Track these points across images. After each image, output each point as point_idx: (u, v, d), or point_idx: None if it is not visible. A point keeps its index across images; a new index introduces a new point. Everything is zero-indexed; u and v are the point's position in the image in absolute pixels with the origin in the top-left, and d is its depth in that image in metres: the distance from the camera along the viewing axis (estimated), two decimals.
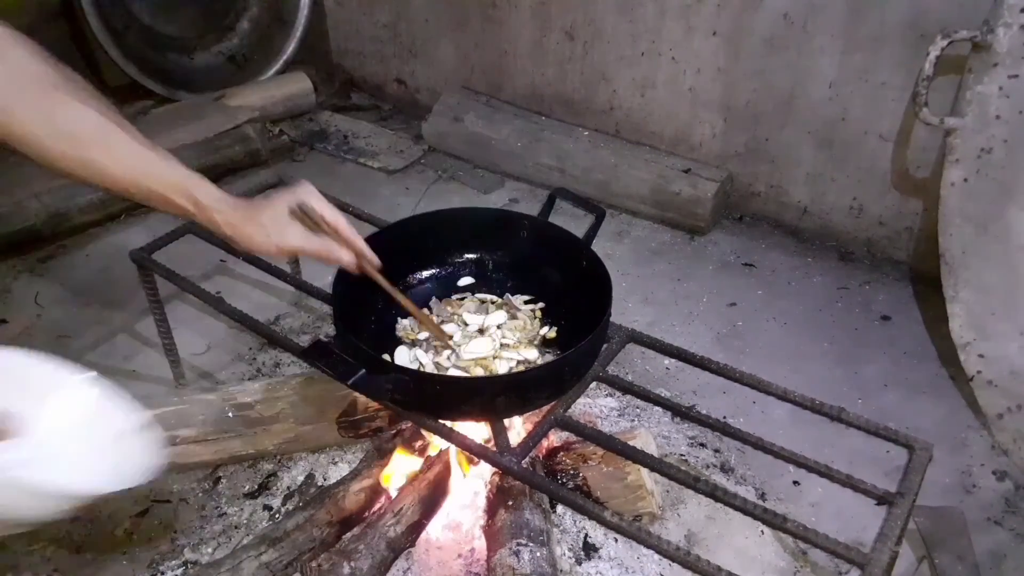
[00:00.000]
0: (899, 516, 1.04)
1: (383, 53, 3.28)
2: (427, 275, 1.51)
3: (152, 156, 1.00)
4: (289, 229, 1.07)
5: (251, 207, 1.06)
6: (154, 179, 1.00)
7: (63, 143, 0.95)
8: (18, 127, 0.92)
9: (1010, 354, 1.75)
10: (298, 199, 1.06)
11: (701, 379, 1.90)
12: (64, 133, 0.94)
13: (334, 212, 1.09)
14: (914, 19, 2.03)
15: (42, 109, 0.93)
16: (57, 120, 0.94)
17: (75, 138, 0.95)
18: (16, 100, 0.91)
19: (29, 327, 2.09)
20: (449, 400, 1.17)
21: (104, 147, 0.97)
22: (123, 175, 0.99)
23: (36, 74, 0.93)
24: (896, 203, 2.29)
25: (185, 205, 1.03)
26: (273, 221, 1.06)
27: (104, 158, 0.97)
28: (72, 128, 0.95)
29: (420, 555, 1.44)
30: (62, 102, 0.94)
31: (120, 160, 0.98)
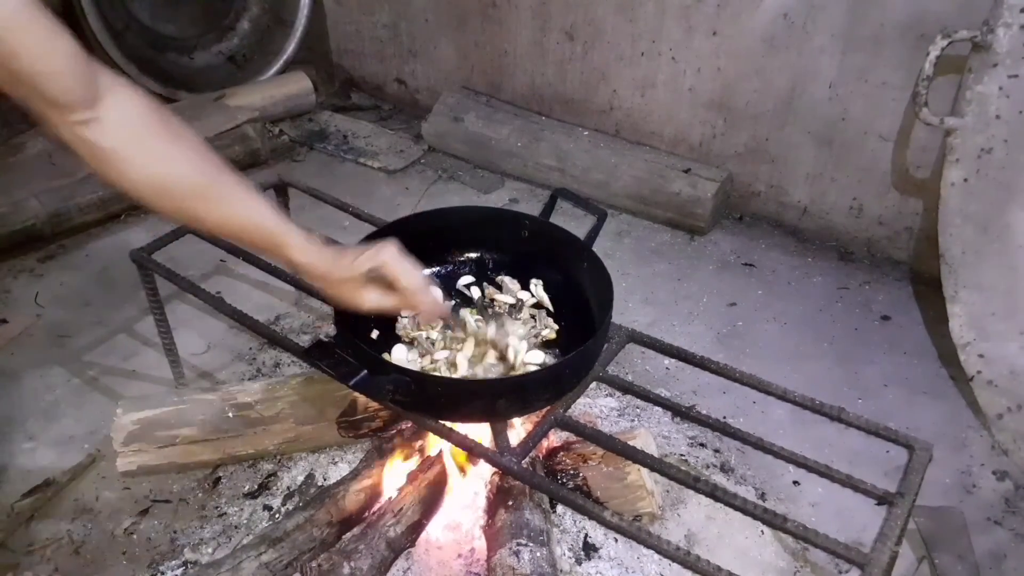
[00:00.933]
0: (899, 516, 1.04)
1: (383, 53, 3.28)
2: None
3: (245, 210, 1.05)
4: (362, 294, 1.11)
5: (334, 266, 1.09)
6: (247, 234, 1.07)
7: (164, 199, 1.01)
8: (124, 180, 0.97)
9: (1010, 354, 1.75)
10: (376, 264, 1.09)
11: (701, 379, 1.90)
12: (162, 188, 1.00)
13: (410, 280, 1.11)
14: (914, 19, 2.03)
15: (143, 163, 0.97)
16: (157, 175, 0.99)
17: (171, 194, 1.01)
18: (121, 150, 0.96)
19: (29, 327, 2.09)
20: (450, 401, 1.17)
21: (200, 203, 1.02)
22: (217, 228, 1.06)
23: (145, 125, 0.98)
24: (896, 203, 2.29)
25: (276, 257, 1.09)
26: (351, 283, 1.10)
27: (199, 212, 1.03)
28: (169, 185, 1.00)
29: (420, 555, 1.44)
30: (163, 159, 0.99)
31: (214, 214, 1.04)
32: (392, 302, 1.13)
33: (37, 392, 1.88)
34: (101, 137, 0.94)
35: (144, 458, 1.60)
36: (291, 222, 1.08)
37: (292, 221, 1.09)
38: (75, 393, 1.88)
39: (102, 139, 0.94)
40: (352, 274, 1.09)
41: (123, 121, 0.95)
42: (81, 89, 0.91)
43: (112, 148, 0.95)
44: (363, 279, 1.10)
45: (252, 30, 3.38)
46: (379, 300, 1.12)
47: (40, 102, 0.89)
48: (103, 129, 0.93)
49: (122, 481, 1.64)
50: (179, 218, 1.05)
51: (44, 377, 1.92)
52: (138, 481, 1.64)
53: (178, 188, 1.01)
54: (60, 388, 1.89)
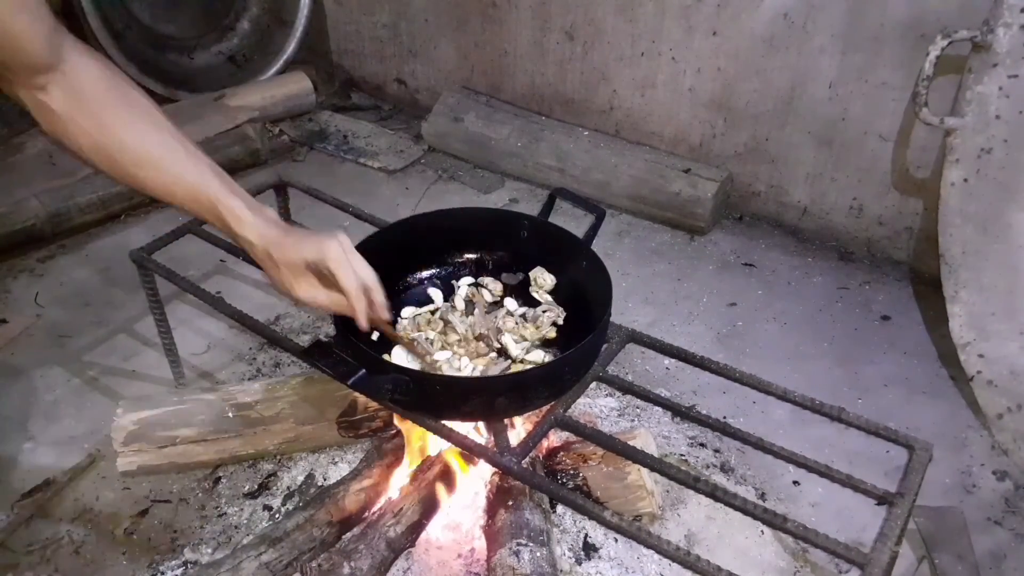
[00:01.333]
0: (899, 516, 1.04)
1: (383, 53, 3.28)
2: (427, 275, 1.51)
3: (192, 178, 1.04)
4: (300, 283, 1.07)
5: (276, 246, 1.05)
6: (191, 201, 1.05)
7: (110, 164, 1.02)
8: (71, 142, 1.00)
9: (1010, 354, 1.75)
10: (318, 256, 1.04)
11: (701, 379, 1.90)
12: (111, 156, 1.01)
13: (349, 281, 1.05)
14: (914, 19, 2.03)
15: (93, 130, 0.99)
16: (107, 141, 1.00)
17: (118, 161, 1.02)
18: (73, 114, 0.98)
19: (29, 327, 2.09)
20: (449, 400, 1.17)
21: (147, 170, 1.03)
22: (163, 194, 1.05)
23: (100, 93, 0.99)
24: (896, 203, 2.29)
25: (220, 227, 1.07)
26: (289, 270, 1.06)
27: (146, 179, 1.03)
28: (119, 153, 1.01)
29: (420, 555, 1.44)
30: (113, 125, 1.00)
31: (161, 181, 1.04)
32: (326, 300, 1.08)
33: (37, 392, 1.88)
34: (54, 101, 0.96)
35: (144, 458, 1.60)
36: (240, 193, 1.06)
37: (243, 193, 1.06)
38: (75, 393, 1.88)
39: (55, 103, 0.96)
40: (293, 259, 1.05)
41: (78, 88, 0.97)
42: (44, 55, 0.93)
43: (64, 112, 0.97)
44: (303, 267, 1.06)
45: (252, 30, 3.38)
46: (313, 294, 1.08)
47: (1, 65, 0.91)
48: (58, 94, 0.96)
49: (122, 481, 1.64)
50: (127, 184, 1.05)
51: (44, 377, 1.92)
52: (138, 481, 1.64)
53: (124, 155, 1.02)
54: (60, 388, 1.89)
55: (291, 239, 1.05)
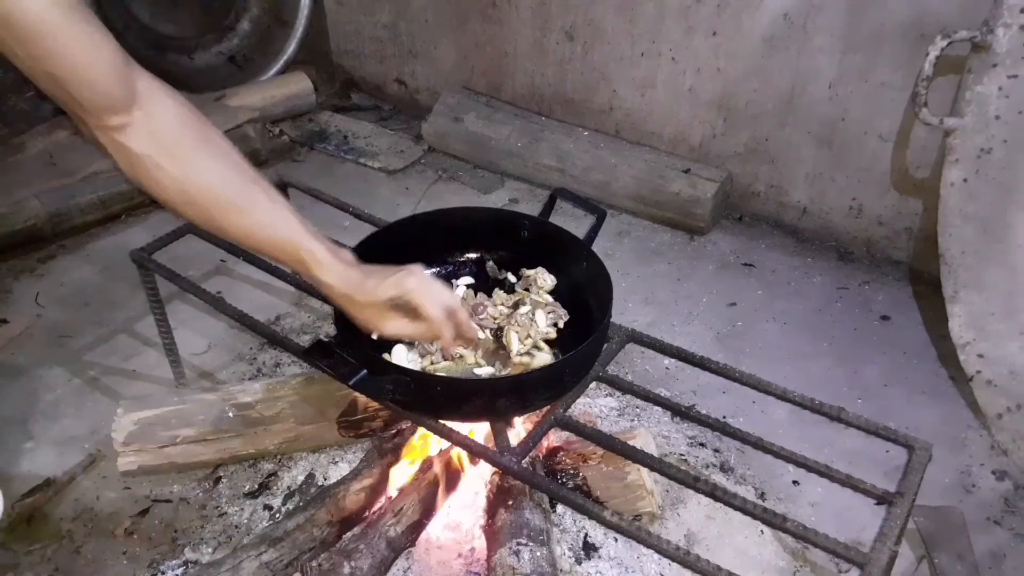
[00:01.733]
0: (899, 516, 1.04)
1: (383, 53, 3.28)
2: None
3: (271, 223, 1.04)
4: (385, 320, 1.10)
5: (358, 288, 1.07)
6: (270, 246, 1.05)
7: (192, 208, 1.01)
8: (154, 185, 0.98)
9: (1010, 354, 1.76)
10: (400, 292, 1.07)
11: (701, 379, 1.90)
12: (190, 198, 1.00)
13: (433, 309, 1.08)
14: (914, 19, 2.03)
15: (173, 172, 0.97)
16: (186, 184, 0.98)
17: (198, 203, 1.01)
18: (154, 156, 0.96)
19: (29, 327, 2.09)
20: (449, 401, 1.17)
21: (226, 214, 1.02)
22: (242, 239, 1.05)
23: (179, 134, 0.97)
24: (896, 203, 2.29)
25: (300, 273, 1.08)
26: (373, 308, 1.09)
27: (224, 223, 1.03)
28: (197, 195, 1.00)
29: (420, 555, 1.45)
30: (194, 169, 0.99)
31: (240, 226, 1.03)
32: (413, 330, 1.11)
33: (37, 392, 1.88)
34: (135, 143, 0.94)
35: (144, 458, 1.60)
36: (319, 237, 1.06)
37: (320, 235, 1.07)
38: (75, 393, 1.88)
39: (136, 145, 0.94)
40: (376, 299, 1.07)
41: (157, 128, 0.95)
42: (118, 94, 0.91)
43: (146, 154, 0.95)
44: (387, 305, 1.08)
45: (252, 30, 3.38)
46: (401, 328, 1.11)
47: (76, 106, 0.89)
48: (137, 135, 0.93)
49: (122, 481, 1.64)
50: (206, 227, 1.04)
51: (44, 377, 1.92)
52: (138, 481, 1.64)
53: (205, 197, 1.00)
54: (60, 388, 1.89)
55: (372, 281, 1.07)
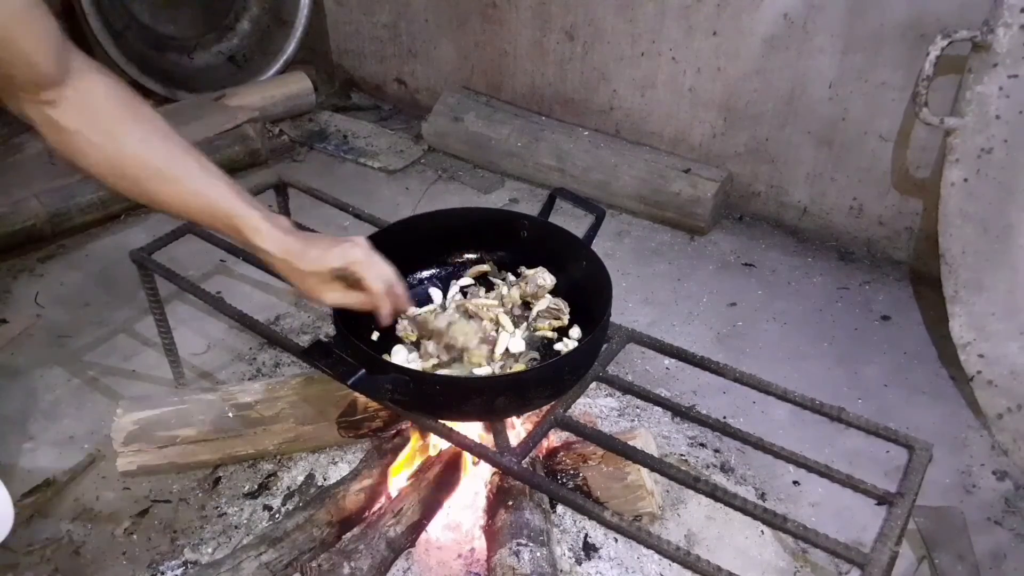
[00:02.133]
0: (899, 516, 1.04)
1: (383, 53, 3.28)
2: (427, 275, 1.51)
3: (206, 191, 1.04)
4: (326, 289, 1.11)
5: (299, 256, 1.08)
6: (206, 215, 1.05)
7: (123, 180, 1.02)
8: (83, 159, 0.99)
9: (1010, 354, 1.75)
10: (344, 263, 1.09)
11: (701, 379, 1.90)
12: (123, 173, 1.01)
13: (375, 282, 1.11)
14: (914, 19, 2.03)
15: (102, 144, 0.99)
16: (115, 157, 0.99)
17: (131, 176, 1.01)
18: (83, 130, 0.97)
19: (29, 327, 2.09)
20: (449, 400, 1.17)
21: (160, 184, 1.03)
22: (178, 209, 1.05)
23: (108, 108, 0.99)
24: (896, 203, 2.29)
25: (237, 240, 1.08)
26: (315, 279, 1.10)
27: (159, 193, 1.03)
28: (131, 169, 1.01)
29: (420, 555, 1.44)
30: (123, 141, 0.99)
31: (174, 195, 1.04)
32: (355, 300, 1.13)
33: (37, 392, 1.88)
34: (64, 117, 0.95)
35: (144, 458, 1.60)
36: (255, 204, 1.07)
37: (256, 203, 1.07)
38: (75, 393, 1.88)
39: (65, 119, 0.95)
40: (318, 268, 1.08)
41: (87, 103, 0.96)
42: (54, 71, 0.92)
43: (75, 129, 0.96)
44: (329, 275, 1.10)
45: (252, 30, 3.38)
46: (342, 297, 1.13)
47: (8, 81, 0.90)
48: (67, 109, 0.95)
49: (122, 481, 1.64)
50: (140, 200, 1.04)
51: (44, 377, 1.92)
52: (138, 481, 1.64)
53: (135, 169, 1.01)
54: (60, 388, 1.89)
55: (315, 251, 1.08)
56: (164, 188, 1.03)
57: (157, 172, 1.02)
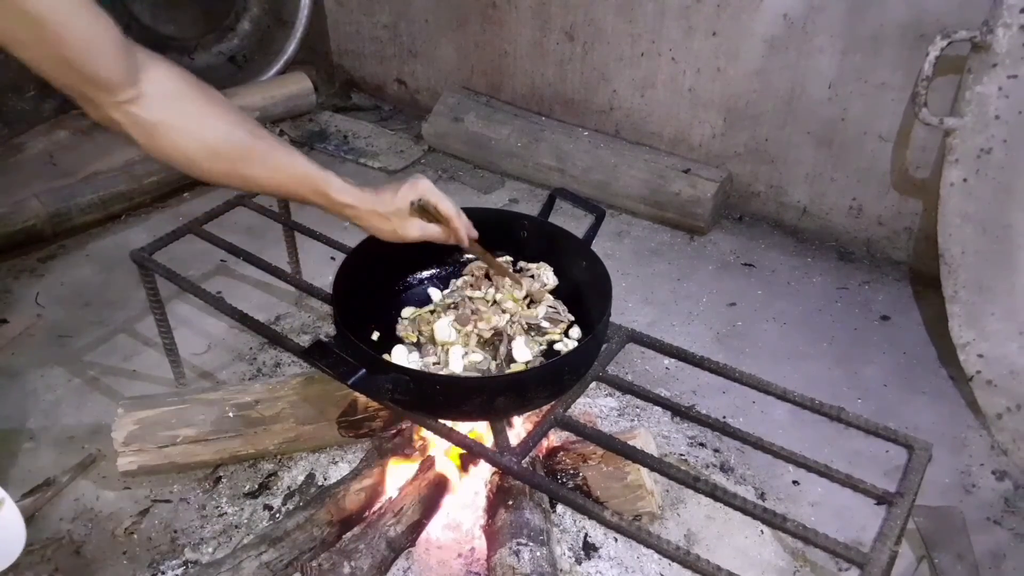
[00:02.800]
0: (898, 516, 1.04)
1: (383, 53, 3.28)
2: (427, 275, 1.51)
3: (289, 161, 1.11)
4: (409, 224, 1.21)
5: (377, 201, 1.18)
6: (294, 183, 1.12)
7: (213, 161, 1.05)
8: (176, 151, 1.01)
9: (1010, 354, 1.76)
10: (418, 195, 1.19)
11: (701, 379, 1.90)
12: (213, 152, 1.04)
13: (447, 205, 1.21)
14: (914, 19, 2.03)
15: (192, 130, 1.01)
16: (207, 140, 1.03)
17: (222, 156, 1.05)
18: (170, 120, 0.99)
19: (29, 327, 2.09)
20: (449, 400, 1.17)
21: (250, 161, 1.07)
22: (268, 183, 1.11)
23: (186, 95, 1.01)
24: (896, 203, 2.29)
25: (323, 203, 1.15)
26: (397, 216, 1.19)
27: (250, 170, 1.08)
28: (219, 148, 1.04)
29: (420, 555, 1.45)
30: (210, 124, 1.03)
31: (264, 170, 1.09)
32: (436, 230, 1.23)
33: (37, 392, 1.88)
34: (149, 112, 0.97)
35: (144, 458, 1.60)
36: (328, 170, 1.15)
37: (328, 170, 1.15)
38: (75, 393, 1.88)
39: (150, 113, 0.97)
40: (397, 207, 1.18)
41: (166, 94, 0.98)
42: (125, 68, 0.94)
43: (162, 120, 0.98)
44: (407, 211, 1.19)
45: (253, 30, 3.38)
46: (424, 228, 1.22)
47: (88, 86, 0.92)
48: (150, 104, 0.97)
49: (122, 481, 1.64)
50: (230, 180, 1.09)
51: (44, 377, 1.92)
52: (138, 481, 1.64)
53: (226, 149, 1.05)
54: (60, 388, 1.89)
55: (387, 193, 1.19)
56: (256, 164, 1.07)
57: (247, 150, 1.06)
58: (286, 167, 1.10)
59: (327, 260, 2.11)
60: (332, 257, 2.05)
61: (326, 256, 2.03)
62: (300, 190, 1.13)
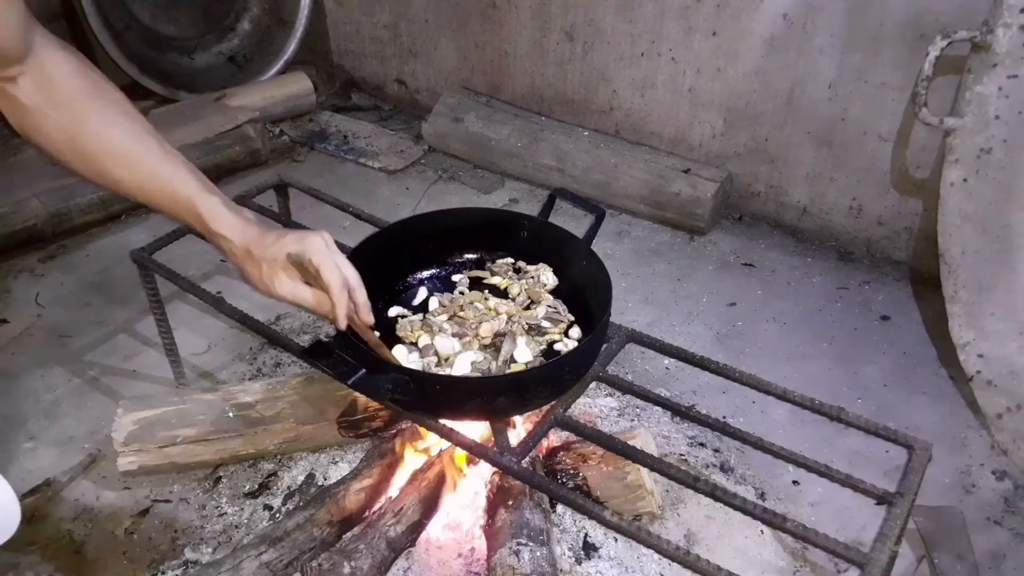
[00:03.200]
0: (898, 516, 1.04)
1: (383, 53, 3.28)
2: (427, 275, 1.51)
3: (167, 176, 1.01)
4: (280, 279, 1.05)
5: (256, 241, 1.04)
6: (167, 199, 1.02)
7: (83, 160, 0.98)
8: (43, 137, 0.96)
9: (1009, 354, 1.76)
10: (300, 250, 1.03)
11: (701, 379, 1.90)
12: (84, 152, 0.97)
13: (330, 270, 1.03)
14: (914, 19, 2.03)
15: (64, 122, 0.96)
16: (77, 134, 0.96)
17: (88, 154, 0.98)
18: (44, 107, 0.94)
19: (29, 327, 2.09)
20: (449, 400, 1.17)
21: (121, 166, 0.99)
22: (138, 193, 1.01)
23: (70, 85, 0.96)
24: (896, 203, 2.29)
25: (193, 223, 1.04)
26: (269, 267, 1.04)
27: (120, 176, 1.00)
28: (88, 144, 0.97)
29: (420, 555, 1.45)
30: (85, 118, 0.96)
31: (135, 178, 1.00)
32: (308, 296, 1.06)
33: (37, 392, 1.88)
34: (25, 93, 0.93)
35: (144, 458, 1.60)
36: (215, 191, 1.03)
37: (218, 191, 1.04)
38: (75, 393, 1.88)
39: (27, 96, 0.93)
40: (272, 254, 1.03)
41: (49, 79, 0.94)
42: (17, 44, 0.90)
43: (36, 105, 0.94)
44: (284, 262, 1.03)
45: (253, 30, 3.38)
46: (294, 290, 1.05)
47: None
48: (29, 85, 0.93)
49: (122, 481, 1.64)
50: (97, 180, 1.00)
51: (44, 377, 1.92)
52: (138, 481, 1.64)
53: (95, 147, 0.97)
54: (60, 388, 1.89)
55: (272, 235, 1.04)
56: (124, 168, 0.99)
57: (117, 152, 0.98)
58: (160, 177, 1.00)
59: None
60: None
61: None
62: (173, 207, 1.02)
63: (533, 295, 1.41)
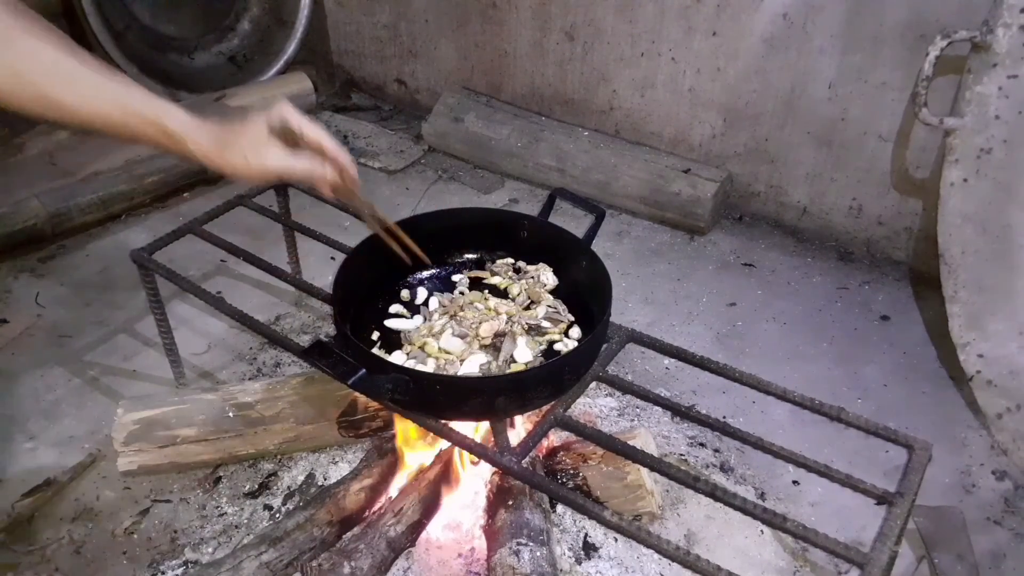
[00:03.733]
0: (898, 516, 1.04)
1: (383, 53, 3.28)
2: (427, 275, 1.51)
3: (113, 86, 0.94)
4: (269, 150, 1.00)
5: (227, 131, 0.99)
6: (118, 110, 0.94)
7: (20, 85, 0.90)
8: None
9: (1009, 354, 1.76)
10: (277, 116, 1.00)
11: (701, 379, 1.90)
12: (15, 71, 0.90)
13: (313, 127, 1.02)
14: (914, 19, 2.03)
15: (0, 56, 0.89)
16: (7, 59, 0.89)
17: (26, 76, 0.90)
18: None
19: (29, 327, 2.09)
20: (449, 400, 1.18)
21: (60, 82, 0.91)
22: (84, 109, 0.93)
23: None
24: (895, 203, 2.29)
25: (156, 136, 0.97)
26: (252, 144, 0.99)
27: (61, 93, 0.92)
28: (24, 66, 0.90)
29: (420, 555, 1.45)
30: (11, 40, 0.89)
31: (78, 93, 0.92)
32: (304, 161, 1.02)
33: (37, 392, 1.88)
34: None
35: (144, 458, 1.60)
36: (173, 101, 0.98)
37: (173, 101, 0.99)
38: (76, 393, 1.88)
39: None
40: (253, 133, 0.99)
41: None
42: None
43: None
44: (267, 134, 0.99)
45: (253, 30, 3.38)
46: (289, 158, 1.01)
47: None
48: None
49: (122, 481, 1.64)
50: (41, 107, 0.92)
51: (44, 377, 1.92)
52: (138, 481, 1.64)
53: (38, 72, 0.90)
54: (60, 388, 1.89)
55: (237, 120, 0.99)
56: (66, 86, 0.91)
57: (55, 69, 0.90)
58: (110, 91, 0.93)
59: (327, 260, 2.11)
60: (332, 257, 2.05)
61: (326, 256, 2.03)
62: (128, 120, 0.94)
63: (533, 295, 1.41)
